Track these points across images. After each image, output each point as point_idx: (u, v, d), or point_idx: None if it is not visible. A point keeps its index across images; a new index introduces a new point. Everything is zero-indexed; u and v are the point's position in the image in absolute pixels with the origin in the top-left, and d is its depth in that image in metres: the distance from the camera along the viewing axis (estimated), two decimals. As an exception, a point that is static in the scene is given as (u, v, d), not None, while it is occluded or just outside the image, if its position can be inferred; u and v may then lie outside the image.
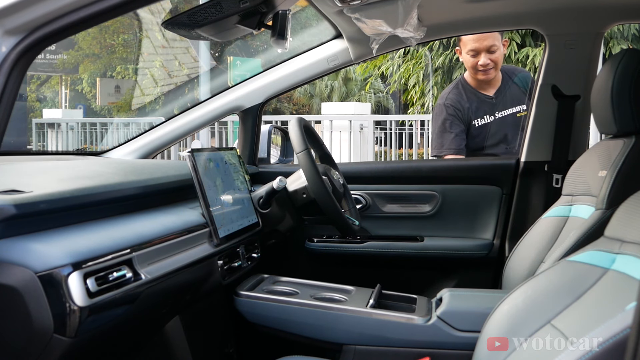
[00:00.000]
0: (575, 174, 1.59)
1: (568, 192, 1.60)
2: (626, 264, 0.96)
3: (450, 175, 2.14)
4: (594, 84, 1.47)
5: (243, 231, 1.51)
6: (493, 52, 2.33)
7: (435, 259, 2.08)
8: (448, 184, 2.12)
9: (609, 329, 0.78)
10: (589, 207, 1.45)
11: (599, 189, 1.40)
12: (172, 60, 15.22)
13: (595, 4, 1.82)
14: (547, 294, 1.04)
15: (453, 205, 2.09)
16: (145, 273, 1.05)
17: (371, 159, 7.82)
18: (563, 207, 1.59)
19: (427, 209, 2.12)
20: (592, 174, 1.51)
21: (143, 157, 2.01)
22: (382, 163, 2.74)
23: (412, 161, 5.26)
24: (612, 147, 1.44)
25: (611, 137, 1.51)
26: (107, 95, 16.02)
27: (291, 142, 1.64)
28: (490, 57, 2.32)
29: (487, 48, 2.31)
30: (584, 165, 1.57)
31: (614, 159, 1.39)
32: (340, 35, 1.95)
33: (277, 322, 1.47)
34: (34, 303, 0.89)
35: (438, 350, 1.35)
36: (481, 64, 2.31)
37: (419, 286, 1.97)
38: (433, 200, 2.12)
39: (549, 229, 1.59)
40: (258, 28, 1.45)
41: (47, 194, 1.00)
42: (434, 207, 2.11)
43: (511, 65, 2.58)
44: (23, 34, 0.87)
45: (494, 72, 2.36)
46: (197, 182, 1.36)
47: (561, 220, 1.57)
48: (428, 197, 2.12)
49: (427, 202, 2.13)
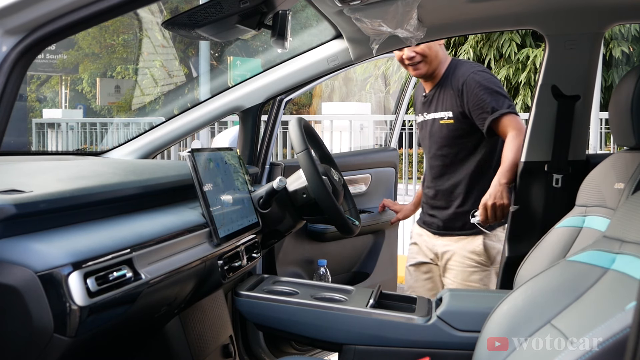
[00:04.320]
0: (589, 185, 1.57)
1: (582, 203, 1.58)
2: (626, 264, 0.96)
3: None
4: (612, 96, 1.47)
5: (243, 231, 1.51)
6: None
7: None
8: None
9: (608, 328, 0.78)
10: (604, 218, 1.43)
11: (614, 201, 1.39)
12: (172, 60, 15.22)
13: (595, 5, 1.82)
14: (547, 294, 1.04)
15: None
16: (145, 273, 1.06)
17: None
18: (577, 218, 1.58)
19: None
20: (607, 185, 1.50)
21: (143, 157, 2.01)
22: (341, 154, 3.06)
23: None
24: (629, 159, 1.44)
25: (628, 150, 1.51)
26: (107, 95, 16.01)
27: (291, 142, 1.64)
28: (414, 48, 2.07)
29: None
30: (599, 177, 1.56)
31: (632, 171, 1.38)
32: (340, 36, 1.95)
33: (277, 322, 1.47)
34: (34, 303, 0.89)
35: (438, 350, 1.35)
36: (405, 57, 2.10)
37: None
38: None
39: (562, 239, 1.57)
40: (258, 28, 1.45)
41: (47, 194, 1.00)
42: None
43: (471, 61, 2.32)
44: (23, 33, 0.87)
45: (424, 66, 2.11)
46: (197, 182, 1.36)
47: (574, 231, 1.55)
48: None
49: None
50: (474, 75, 2.05)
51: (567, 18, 1.86)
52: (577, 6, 1.82)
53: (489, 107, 1.98)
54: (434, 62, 2.10)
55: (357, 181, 2.50)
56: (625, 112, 1.38)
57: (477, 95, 2.01)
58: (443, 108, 2.11)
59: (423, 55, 2.08)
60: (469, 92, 2.02)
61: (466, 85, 2.03)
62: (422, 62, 2.09)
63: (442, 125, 2.10)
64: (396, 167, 2.69)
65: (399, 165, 2.77)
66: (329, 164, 1.84)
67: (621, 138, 1.44)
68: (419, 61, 2.09)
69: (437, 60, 2.11)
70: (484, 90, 2.00)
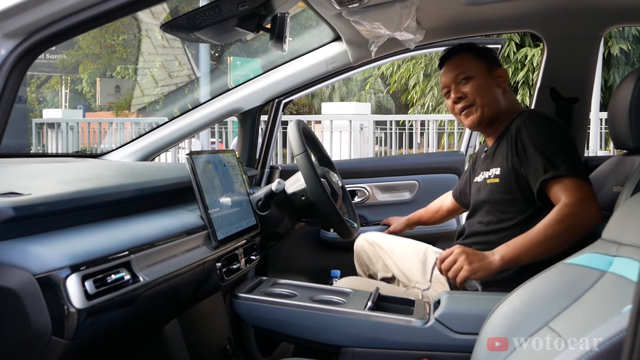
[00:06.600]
0: None
1: None
2: (623, 267, 0.96)
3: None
4: (610, 99, 1.47)
5: (242, 233, 1.51)
6: (465, 82, 1.65)
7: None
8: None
9: (605, 331, 0.78)
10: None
11: (613, 204, 1.39)
12: (173, 61, 15.23)
13: (593, 7, 1.82)
14: (545, 296, 1.04)
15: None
16: (143, 275, 1.06)
17: (371, 160, 7.81)
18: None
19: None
20: (606, 188, 1.51)
21: (142, 159, 2.02)
22: (383, 158, 2.91)
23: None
24: (627, 163, 1.44)
25: (626, 153, 1.51)
26: (107, 95, 16.02)
27: (290, 144, 1.64)
28: (462, 88, 1.65)
29: (454, 79, 1.67)
30: (597, 180, 1.57)
31: (630, 175, 1.38)
32: (339, 38, 1.95)
33: (275, 325, 1.47)
34: (32, 305, 0.89)
35: (436, 352, 1.35)
36: (452, 100, 1.67)
37: None
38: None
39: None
40: (257, 31, 1.45)
41: (45, 197, 1.00)
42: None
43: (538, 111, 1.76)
44: (22, 36, 0.88)
45: (476, 113, 1.64)
46: (196, 185, 1.36)
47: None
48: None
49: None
50: (528, 121, 1.57)
51: (565, 21, 1.86)
52: (575, 9, 1.82)
53: (542, 165, 1.49)
54: (486, 105, 1.64)
55: (397, 188, 2.34)
56: (623, 116, 1.38)
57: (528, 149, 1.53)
58: (496, 163, 1.63)
59: (472, 95, 1.64)
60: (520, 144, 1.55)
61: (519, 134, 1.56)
62: (474, 106, 1.64)
63: (486, 184, 1.64)
64: (460, 173, 2.36)
65: (463, 171, 2.33)
66: (327, 167, 1.84)
67: (619, 141, 1.45)
68: (470, 105, 1.65)
69: (495, 108, 1.65)
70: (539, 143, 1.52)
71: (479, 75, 1.65)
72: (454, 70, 1.68)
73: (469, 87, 1.64)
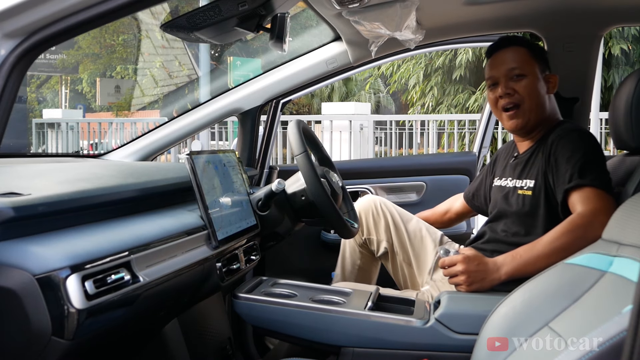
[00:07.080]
0: None
1: None
2: (623, 267, 0.96)
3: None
4: (611, 101, 1.47)
5: (242, 233, 1.51)
6: (518, 79, 1.58)
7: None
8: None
9: (605, 331, 0.78)
10: None
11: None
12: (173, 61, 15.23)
13: (593, 7, 1.82)
14: (545, 297, 1.04)
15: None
16: (143, 275, 1.05)
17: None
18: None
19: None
20: None
21: (142, 159, 2.02)
22: (389, 159, 2.87)
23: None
24: (628, 163, 1.44)
25: (627, 154, 1.51)
26: (107, 95, 16.03)
27: (290, 144, 1.64)
28: (514, 85, 1.58)
29: (506, 73, 1.59)
30: None
31: (630, 175, 1.38)
32: (339, 38, 1.95)
33: (275, 325, 1.47)
34: (32, 305, 0.89)
35: (436, 352, 1.35)
36: (499, 94, 1.60)
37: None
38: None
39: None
40: (257, 31, 1.45)
41: (45, 197, 1.00)
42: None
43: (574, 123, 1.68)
44: (22, 36, 0.88)
45: (523, 117, 1.58)
46: (196, 185, 1.36)
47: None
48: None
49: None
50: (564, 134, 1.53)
51: (565, 21, 1.87)
52: (575, 9, 1.82)
53: (568, 175, 1.47)
54: (535, 115, 1.59)
55: (403, 189, 2.30)
56: (624, 117, 1.38)
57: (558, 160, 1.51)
58: (528, 175, 1.59)
59: (521, 95, 1.58)
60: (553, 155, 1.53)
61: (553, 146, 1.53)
62: (520, 108, 1.59)
63: (518, 194, 1.60)
64: (471, 174, 2.32)
65: (475, 173, 2.33)
66: (327, 167, 1.84)
67: (620, 142, 1.45)
68: (516, 105, 1.59)
69: (540, 114, 1.59)
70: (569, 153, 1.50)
71: (533, 76, 1.59)
72: (508, 63, 1.60)
73: (521, 85, 1.58)
